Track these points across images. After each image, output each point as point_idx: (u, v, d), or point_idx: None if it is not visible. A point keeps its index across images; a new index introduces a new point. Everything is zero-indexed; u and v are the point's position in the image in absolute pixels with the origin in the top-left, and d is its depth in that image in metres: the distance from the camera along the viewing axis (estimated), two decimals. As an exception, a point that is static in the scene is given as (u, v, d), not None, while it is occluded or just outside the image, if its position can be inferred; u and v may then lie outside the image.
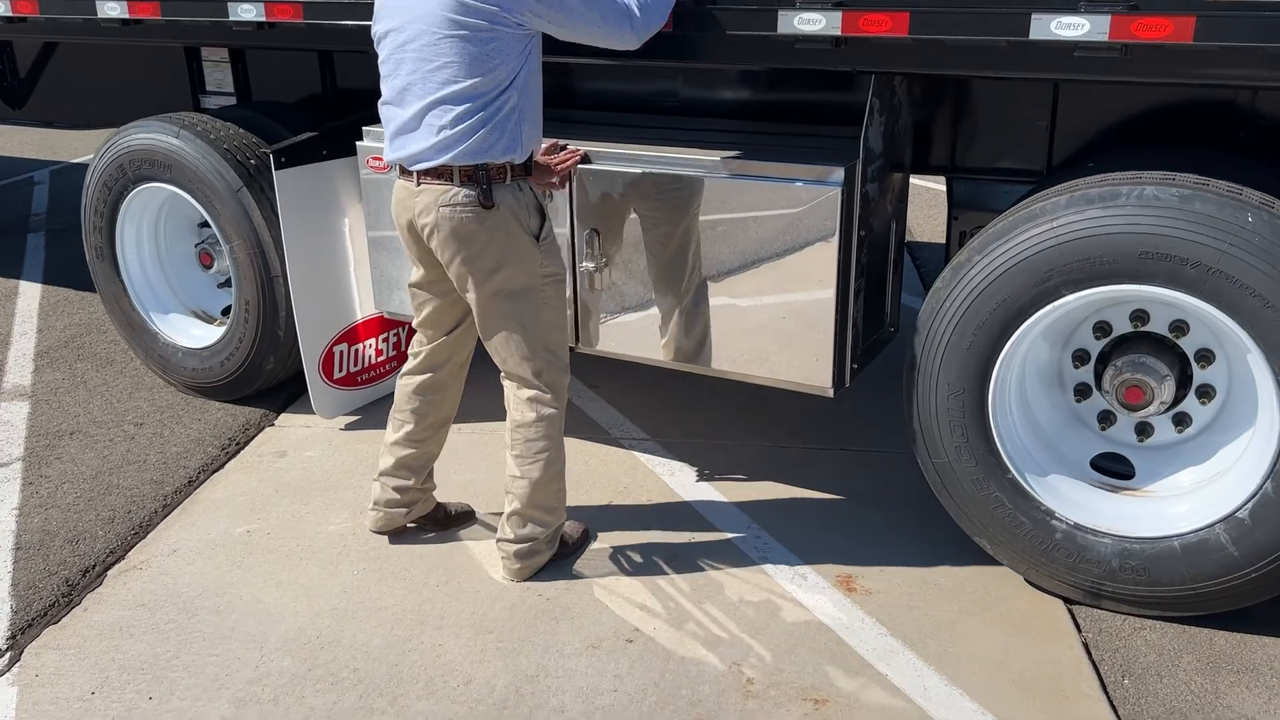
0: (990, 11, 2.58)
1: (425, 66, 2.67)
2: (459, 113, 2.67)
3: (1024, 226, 2.71)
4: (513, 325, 2.89)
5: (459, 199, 2.73)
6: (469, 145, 2.69)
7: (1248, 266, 2.46)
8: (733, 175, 3.07)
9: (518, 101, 2.72)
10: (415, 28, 2.66)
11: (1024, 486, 2.88)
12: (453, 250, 2.80)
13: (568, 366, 3.02)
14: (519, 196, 2.78)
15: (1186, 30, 2.38)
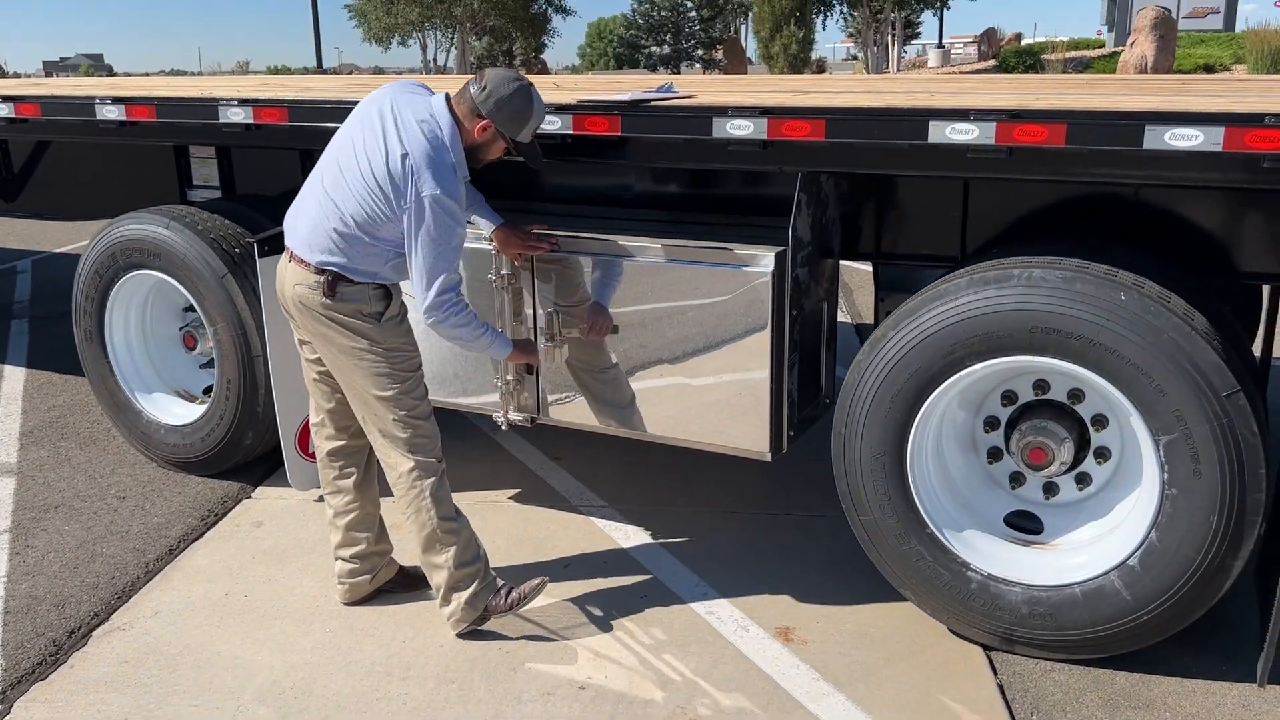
0: (894, 119, 2.95)
1: (345, 179, 3.02)
2: (346, 231, 3.02)
3: (931, 305, 3.04)
4: (368, 399, 3.16)
5: (308, 283, 3.09)
6: (338, 261, 3.04)
7: (1122, 338, 2.80)
8: (676, 260, 3.41)
9: (397, 257, 3.07)
10: (353, 151, 3.02)
11: (942, 541, 3.17)
12: (298, 320, 3.19)
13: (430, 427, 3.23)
14: (363, 292, 3.08)
15: (1059, 135, 2.76)
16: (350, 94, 3.97)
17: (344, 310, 3.08)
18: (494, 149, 3.11)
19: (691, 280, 3.39)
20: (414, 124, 2.98)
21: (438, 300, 3.01)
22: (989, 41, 32.08)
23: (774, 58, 23.66)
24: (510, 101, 3.01)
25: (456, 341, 3.19)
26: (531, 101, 3.05)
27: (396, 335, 3.16)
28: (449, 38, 29.15)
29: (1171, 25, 22.11)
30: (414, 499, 3.22)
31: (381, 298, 3.11)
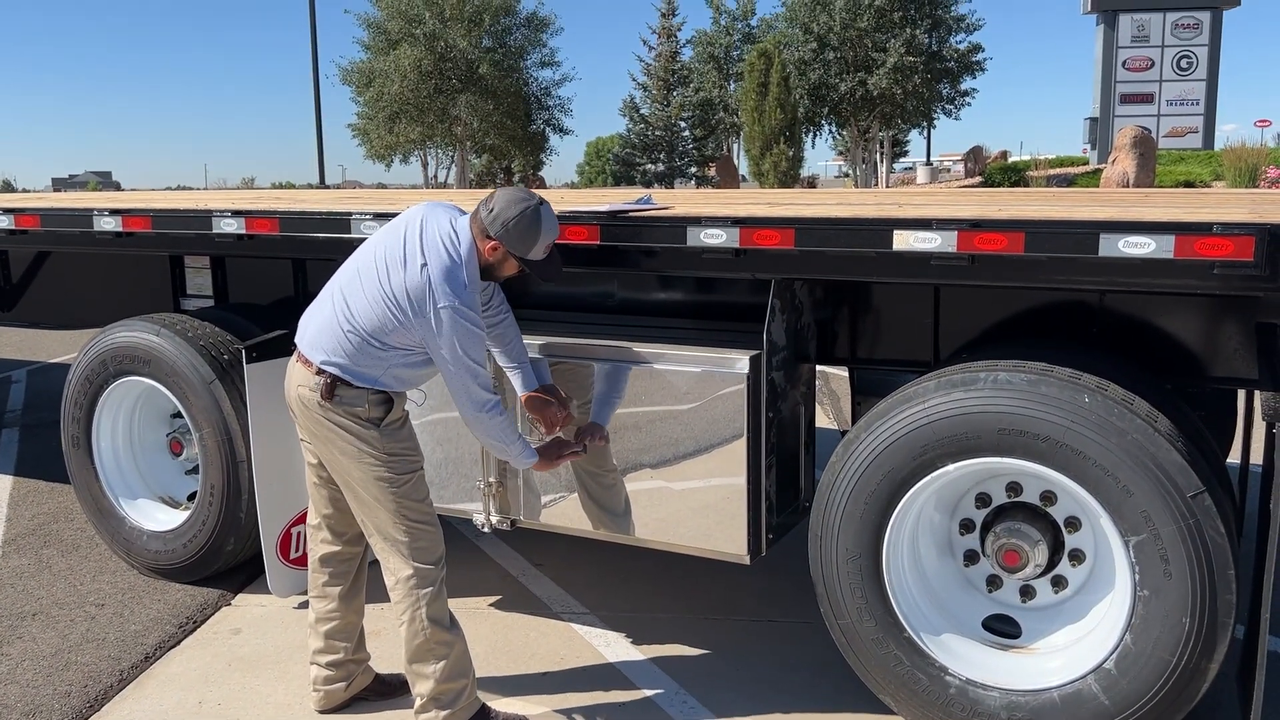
0: (860, 228, 3.06)
1: (360, 284, 3.11)
2: (356, 337, 3.09)
3: (901, 408, 3.10)
4: (367, 502, 3.17)
5: (310, 384, 3.14)
6: (343, 363, 3.10)
7: (1087, 440, 2.85)
8: (654, 364, 3.48)
9: (402, 364, 3.13)
10: (372, 261, 3.12)
11: (920, 645, 3.16)
12: (301, 420, 3.23)
13: (433, 531, 3.22)
14: (363, 396, 3.12)
15: (1019, 243, 2.87)
16: (341, 206, 4.10)
17: (341, 413, 3.11)
18: (506, 267, 3.16)
19: (668, 384, 3.46)
20: (436, 238, 3.06)
21: (475, 415, 3.11)
22: (975, 159, 32.93)
23: (764, 175, 24.30)
24: (517, 223, 3.05)
25: (489, 447, 3.27)
26: (540, 221, 3.08)
27: (397, 440, 3.17)
28: (449, 155, 29.95)
29: (1151, 144, 22.78)
30: (409, 606, 3.18)
31: (381, 403, 3.14)
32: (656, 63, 32.96)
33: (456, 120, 28.00)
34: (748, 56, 26.34)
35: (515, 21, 28.25)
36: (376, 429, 3.13)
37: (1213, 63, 31.75)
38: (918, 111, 28.20)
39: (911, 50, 26.94)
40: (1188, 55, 31.97)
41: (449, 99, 27.15)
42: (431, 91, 26.52)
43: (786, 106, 24.32)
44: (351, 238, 3.88)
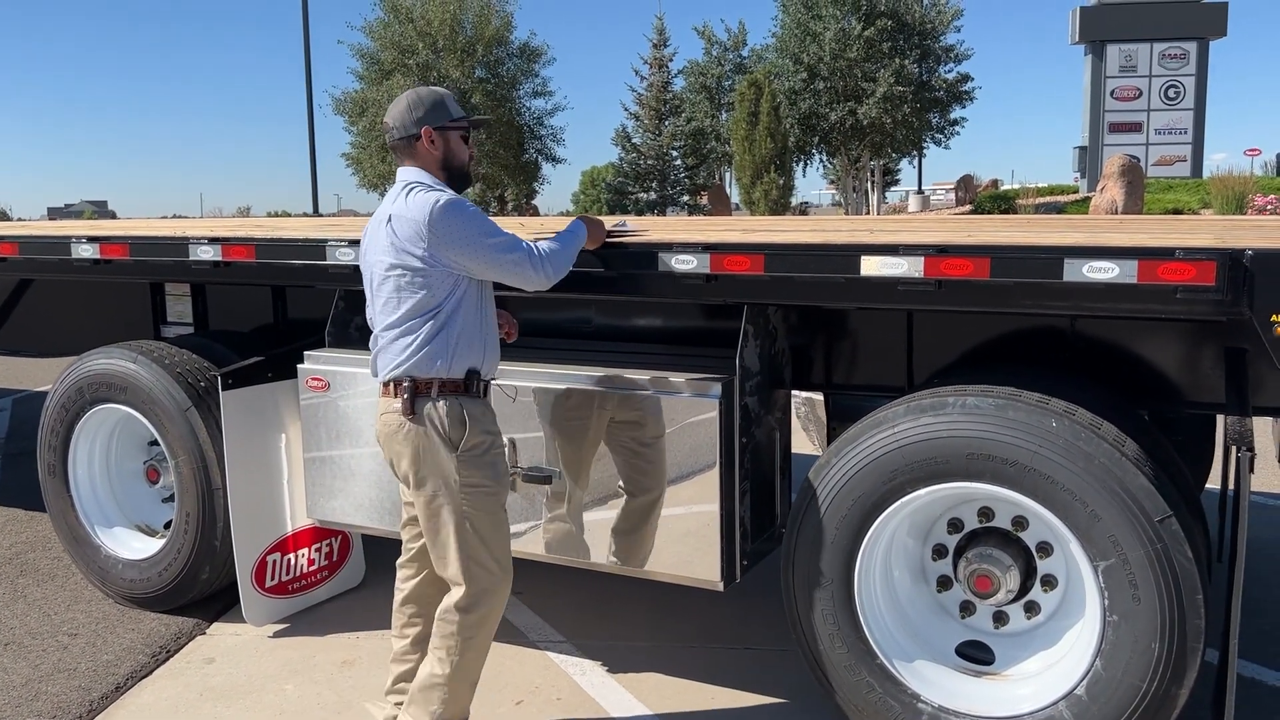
0: (829, 254, 3.08)
1: (378, 300, 3.11)
2: (396, 334, 3.06)
3: (870, 433, 3.10)
4: (437, 532, 3.09)
5: (390, 408, 3.08)
6: (399, 361, 3.04)
7: (1055, 464, 2.85)
8: (627, 389, 3.47)
9: (446, 324, 3.02)
10: (371, 271, 3.13)
11: (892, 672, 3.14)
12: (386, 454, 3.16)
13: (499, 577, 3.13)
14: (439, 408, 3.03)
15: (984, 268, 2.88)
16: (320, 233, 4.11)
17: (421, 433, 3.03)
18: (456, 146, 3.16)
19: (641, 410, 3.45)
20: (402, 197, 3.05)
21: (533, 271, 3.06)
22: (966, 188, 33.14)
23: (755, 203, 24.42)
24: (416, 106, 3.12)
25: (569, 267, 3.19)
26: (423, 90, 3.20)
27: (476, 469, 3.07)
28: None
29: (1139, 172, 22.98)
30: (445, 645, 3.12)
31: (458, 421, 3.04)
32: (648, 92, 33.22)
33: (449, 150, 28.11)
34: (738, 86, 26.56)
35: (508, 52, 28.48)
36: (454, 452, 3.04)
37: (1200, 92, 32.09)
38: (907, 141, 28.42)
39: (901, 80, 27.18)
40: (1175, 85, 32.31)
41: (442, 129, 27.26)
42: (424, 121, 26.63)
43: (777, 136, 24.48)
44: (327, 264, 3.88)
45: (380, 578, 4.76)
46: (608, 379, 3.51)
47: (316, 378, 4.01)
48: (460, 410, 3.06)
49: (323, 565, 4.56)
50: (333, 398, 4.00)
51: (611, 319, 4.00)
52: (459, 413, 3.05)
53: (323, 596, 4.58)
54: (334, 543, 4.60)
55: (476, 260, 3.00)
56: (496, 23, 27.64)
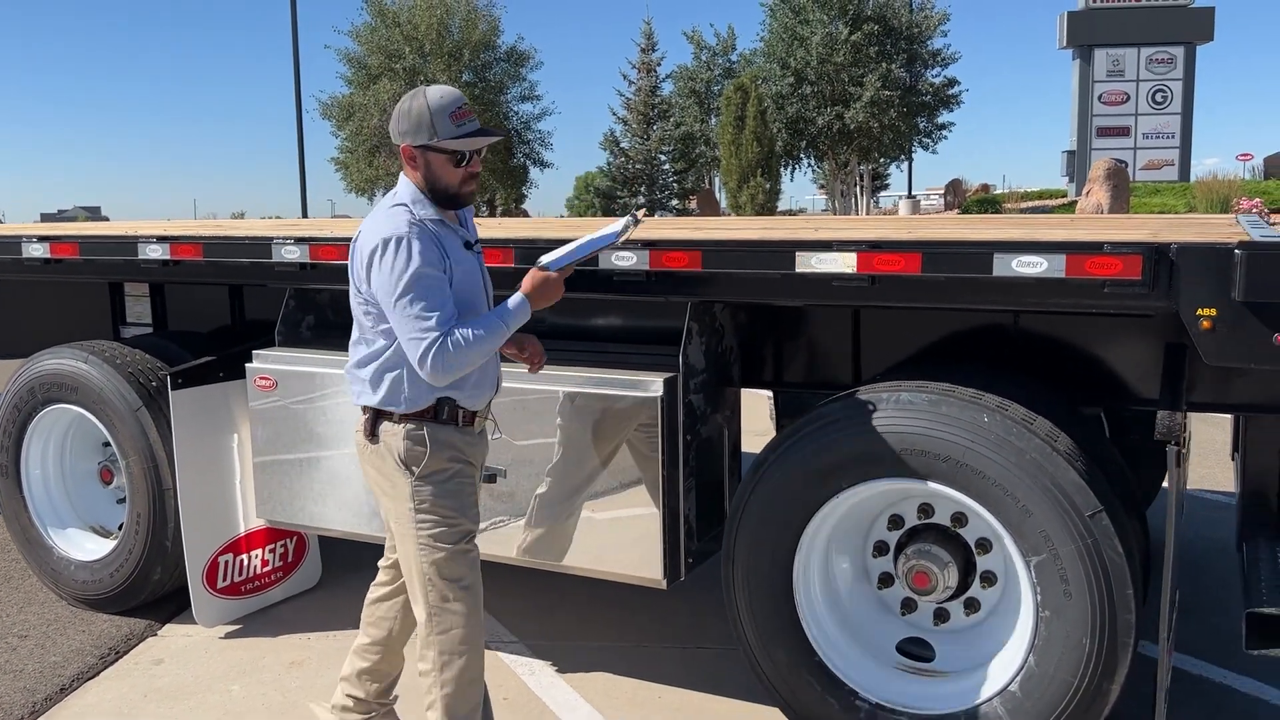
0: (765, 250, 3.07)
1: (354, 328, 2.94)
2: (355, 363, 2.91)
3: (807, 430, 3.09)
4: (404, 560, 2.92)
5: (357, 427, 2.94)
6: (359, 391, 2.90)
7: (986, 459, 2.84)
8: (569, 387, 3.46)
9: (395, 363, 2.80)
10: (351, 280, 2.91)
11: (830, 670, 3.13)
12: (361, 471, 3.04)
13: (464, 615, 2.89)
14: (398, 431, 2.83)
15: (915, 264, 2.87)
16: (276, 232, 4.08)
17: (380, 454, 2.86)
18: (444, 171, 2.76)
19: (583, 407, 3.44)
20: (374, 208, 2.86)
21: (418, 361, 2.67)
22: (954, 192, 33.21)
23: (742, 207, 24.45)
24: (401, 117, 2.75)
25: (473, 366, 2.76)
26: (420, 98, 2.74)
27: (433, 497, 2.83)
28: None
29: (1124, 175, 23.04)
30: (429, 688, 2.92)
31: (417, 444, 2.81)
32: (636, 97, 33.26)
33: (436, 154, 28.08)
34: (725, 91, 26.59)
35: (495, 56, 28.50)
36: (411, 477, 2.82)
37: (1187, 96, 32.20)
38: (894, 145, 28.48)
39: (887, 85, 27.22)
40: (1162, 89, 32.41)
41: (429, 133, 27.24)
42: (411, 125, 26.62)
43: (763, 140, 24.52)
44: (273, 262, 3.87)
45: (338, 578, 4.74)
46: (551, 377, 3.49)
47: (264, 377, 4.00)
48: (422, 434, 2.84)
49: (277, 566, 4.54)
50: (281, 397, 3.98)
51: (562, 317, 3.98)
52: (419, 435, 2.84)
53: (277, 597, 4.56)
54: (289, 543, 4.58)
55: (391, 318, 2.73)
56: (483, 27, 27.66)
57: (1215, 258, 2.58)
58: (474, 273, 2.88)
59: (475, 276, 2.89)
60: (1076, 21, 31.54)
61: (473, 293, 2.85)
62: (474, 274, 2.88)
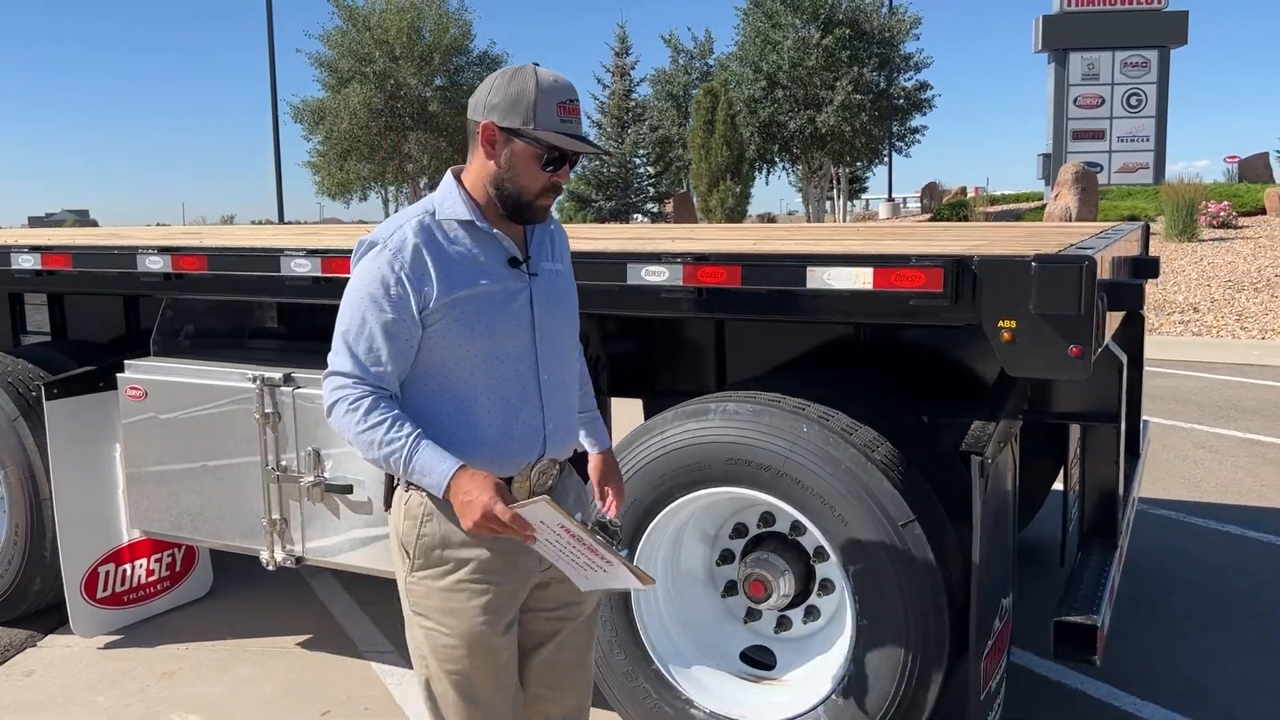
0: (599, 262, 3.09)
1: None
2: None
3: (641, 439, 3.11)
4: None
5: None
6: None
7: (806, 469, 2.86)
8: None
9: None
10: None
11: (667, 678, 3.15)
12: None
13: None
14: (405, 500, 2.20)
15: (736, 276, 2.90)
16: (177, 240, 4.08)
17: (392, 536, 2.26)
18: (524, 166, 2.11)
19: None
20: None
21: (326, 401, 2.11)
22: (931, 195, 33.32)
23: (712, 211, 24.50)
24: (496, 89, 2.11)
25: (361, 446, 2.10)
26: (528, 76, 2.10)
27: (430, 599, 2.20)
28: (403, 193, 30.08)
29: (1092, 179, 23.13)
30: None
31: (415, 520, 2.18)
32: (610, 101, 33.28)
33: (408, 158, 28.09)
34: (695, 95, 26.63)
35: (468, 60, 28.50)
36: (410, 567, 2.22)
37: (1161, 100, 32.40)
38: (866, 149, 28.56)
39: (859, 88, 27.30)
40: (1137, 93, 32.61)
41: (400, 136, 27.29)
42: (382, 129, 26.65)
43: (733, 144, 24.57)
44: (137, 273, 3.87)
45: (231, 588, 4.75)
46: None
47: (135, 387, 4.00)
48: (422, 508, 2.17)
49: (163, 576, 4.54)
50: (151, 408, 3.98)
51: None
52: (417, 510, 2.18)
53: (163, 607, 4.56)
54: (177, 553, 4.58)
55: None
56: (455, 31, 27.65)
57: (1013, 271, 2.60)
58: (498, 298, 2.15)
59: (499, 303, 2.15)
60: (1051, 25, 31.70)
61: (488, 324, 2.13)
62: (497, 300, 2.15)
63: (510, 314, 2.17)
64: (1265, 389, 9.09)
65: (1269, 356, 10.44)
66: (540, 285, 2.24)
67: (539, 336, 2.22)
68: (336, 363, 2.12)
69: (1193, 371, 9.98)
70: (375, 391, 2.09)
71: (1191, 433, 7.50)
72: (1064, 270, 2.54)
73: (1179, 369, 10.12)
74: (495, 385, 2.16)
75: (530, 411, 2.20)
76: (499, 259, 2.18)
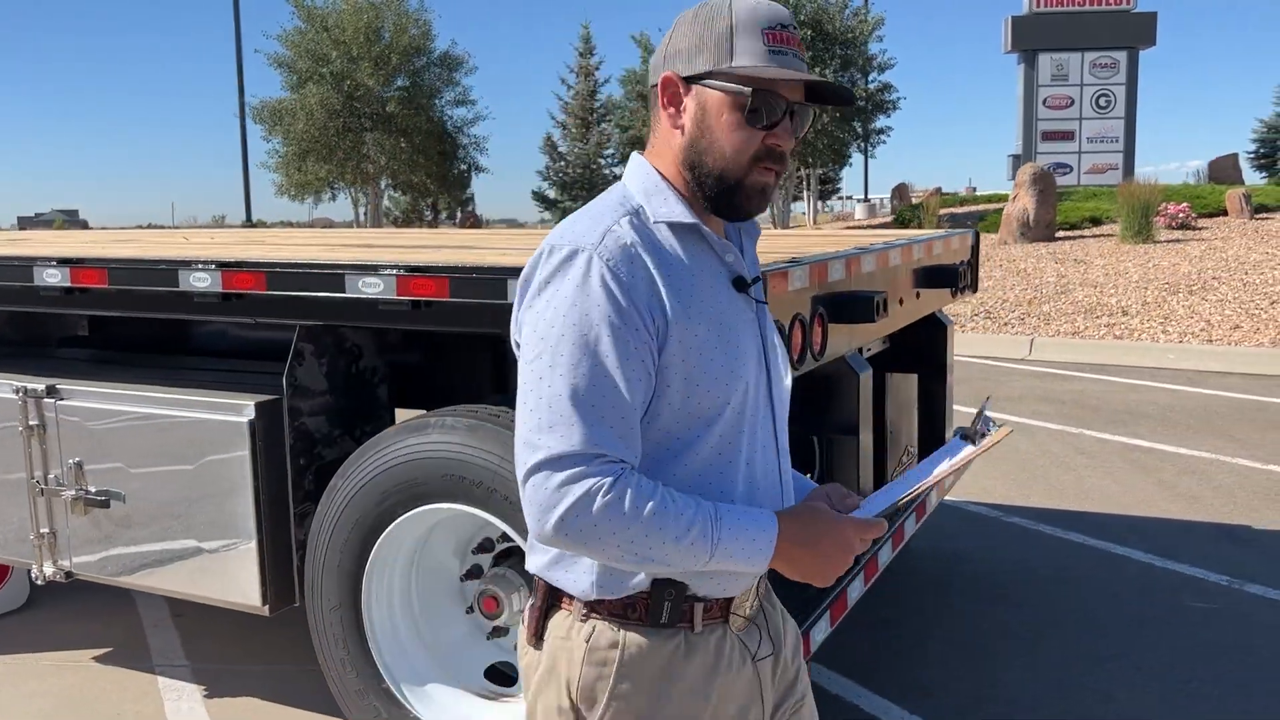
0: (320, 272, 3.04)
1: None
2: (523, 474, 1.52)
3: (367, 455, 3.06)
4: None
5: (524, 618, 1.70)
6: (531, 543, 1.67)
7: (515, 485, 2.81)
8: (170, 410, 3.40)
9: None
10: None
11: (397, 696, 3.09)
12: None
13: None
14: (576, 634, 1.57)
15: (444, 289, 2.84)
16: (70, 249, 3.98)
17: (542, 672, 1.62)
18: (720, 125, 1.51)
19: (183, 431, 3.39)
20: None
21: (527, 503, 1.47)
22: (900, 196, 33.33)
23: (670, 212, 24.32)
24: (679, 30, 1.57)
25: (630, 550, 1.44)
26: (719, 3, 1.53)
27: None
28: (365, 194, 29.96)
29: (1050, 180, 23.13)
30: None
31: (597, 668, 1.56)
32: (574, 101, 33.21)
33: (366, 158, 28.00)
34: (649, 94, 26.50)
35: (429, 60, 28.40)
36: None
37: (1130, 101, 32.54)
38: (830, 150, 28.51)
39: (821, 89, 27.13)
40: (1106, 94, 32.73)
41: (358, 137, 27.20)
42: (340, 129, 26.56)
43: (690, 145, 24.40)
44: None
45: (54, 599, 4.68)
46: (150, 398, 3.44)
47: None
48: (620, 648, 1.55)
49: (-32, 589, 4.47)
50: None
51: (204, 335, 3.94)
52: (608, 652, 1.55)
53: (-31, 620, 4.50)
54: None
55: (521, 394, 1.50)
56: (414, 31, 27.55)
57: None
58: (734, 334, 1.56)
59: (736, 340, 1.56)
60: (1020, 26, 31.79)
61: (723, 371, 1.53)
62: (734, 336, 1.56)
63: (734, 355, 1.54)
64: (1166, 393, 9.08)
65: (1184, 360, 10.43)
66: (764, 316, 1.67)
67: (773, 382, 1.65)
68: (553, 442, 1.42)
69: (1105, 376, 9.97)
70: (622, 466, 1.44)
71: (1078, 438, 7.48)
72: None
73: (1091, 373, 10.11)
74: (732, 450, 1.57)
75: (771, 478, 1.64)
76: (723, 280, 1.58)
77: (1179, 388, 9.30)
